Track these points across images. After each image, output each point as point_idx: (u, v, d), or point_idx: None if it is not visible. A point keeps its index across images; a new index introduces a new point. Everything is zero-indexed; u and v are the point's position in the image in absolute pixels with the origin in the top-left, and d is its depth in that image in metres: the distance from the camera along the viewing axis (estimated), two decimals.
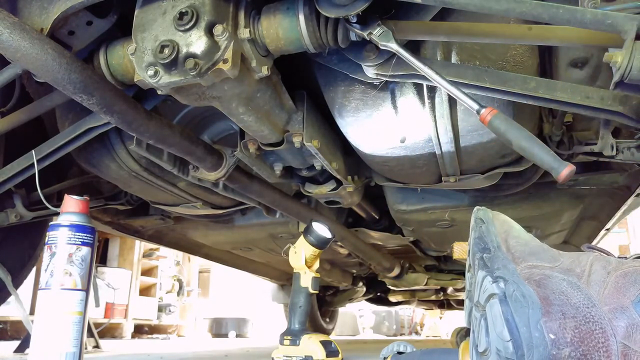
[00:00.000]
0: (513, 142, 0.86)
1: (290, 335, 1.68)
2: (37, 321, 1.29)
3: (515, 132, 0.86)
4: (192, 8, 0.97)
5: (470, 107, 0.93)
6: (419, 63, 1.00)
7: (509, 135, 0.86)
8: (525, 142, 0.84)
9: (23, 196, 1.76)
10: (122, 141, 1.53)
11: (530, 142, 0.83)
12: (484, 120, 0.89)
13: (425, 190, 1.95)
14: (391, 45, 1.01)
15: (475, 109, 0.92)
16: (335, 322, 5.54)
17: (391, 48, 1.01)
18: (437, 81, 1.00)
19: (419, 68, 1.01)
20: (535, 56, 1.22)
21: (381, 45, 1.02)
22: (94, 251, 1.38)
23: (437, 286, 4.05)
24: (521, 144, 0.85)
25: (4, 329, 4.66)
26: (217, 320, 7.72)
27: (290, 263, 1.75)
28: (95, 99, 1.05)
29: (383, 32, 1.01)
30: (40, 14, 1.07)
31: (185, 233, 2.66)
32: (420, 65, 1.01)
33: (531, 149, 0.83)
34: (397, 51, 1.01)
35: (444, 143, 1.39)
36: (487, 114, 0.89)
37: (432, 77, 1.00)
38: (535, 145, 0.83)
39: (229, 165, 1.50)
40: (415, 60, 1.01)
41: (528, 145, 0.84)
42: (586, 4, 0.89)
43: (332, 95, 1.34)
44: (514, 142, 0.86)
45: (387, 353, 1.35)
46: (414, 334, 10.43)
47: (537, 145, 0.82)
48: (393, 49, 1.02)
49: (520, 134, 0.85)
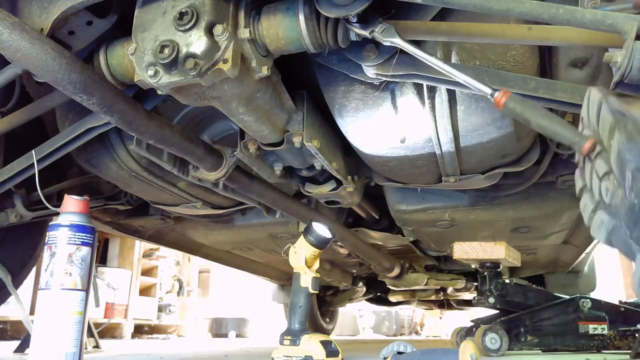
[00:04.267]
0: (532, 122, 0.84)
1: (290, 335, 1.68)
2: (37, 321, 1.29)
3: (532, 111, 0.84)
4: (192, 8, 0.97)
5: (484, 92, 0.91)
6: (424, 55, 0.99)
7: (526, 115, 0.84)
8: (543, 120, 0.83)
9: (23, 196, 1.76)
10: (122, 141, 1.53)
11: (550, 120, 0.82)
12: (498, 103, 0.87)
13: (425, 190, 1.95)
14: (395, 40, 1.00)
15: (489, 93, 0.90)
16: (335, 322, 5.54)
17: (396, 43, 1.01)
18: (445, 70, 0.98)
19: (426, 59, 0.99)
20: (535, 56, 1.22)
21: (384, 41, 1.01)
22: (94, 251, 1.38)
23: (437, 286, 4.05)
24: (540, 122, 0.83)
25: (4, 329, 4.66)
26: (217, 320, 7.71)
27: (290, 263, 1.75)
28: (95, 99, 1.05)
29: (386, 29, 1.00)
30: (40, 14, 1.07)
31: (185, 233, 2.66)
32: (426, 57, 1.00)
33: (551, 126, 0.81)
34: (401, 45, 1.00)
35: (444, 143, 1.39)
36: (502, 96, 0.87)
37: (441, 66, 0.98)
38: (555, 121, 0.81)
39: (229, 165, 1.50)
40: (421, 52, 1.00)
41: (547, 122, 0.82)
42: (586, 4, 0.89)
43: (332, 95, 1.34)
44: (533, 122, 0.84)
45: (387, 353, 1.35)
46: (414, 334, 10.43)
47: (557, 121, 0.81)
48: (397, 44, 1.01)
49: (538, 113, 0.83)
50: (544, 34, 1.00)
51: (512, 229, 2.30)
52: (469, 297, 4.83)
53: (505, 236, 2.42)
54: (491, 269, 2.52)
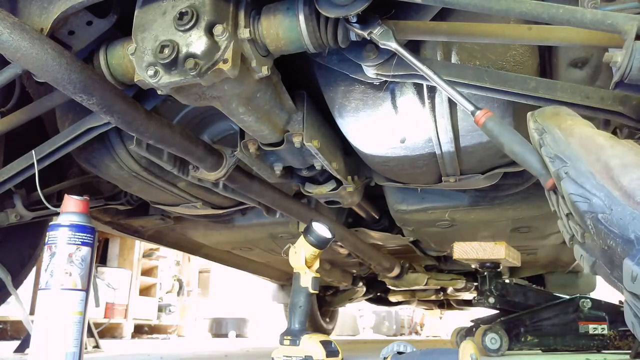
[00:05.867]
0: (505, 145, 0.85)
1: (290, 335, 1.68)
2: (37, 321, 1.29)
3: (509, 135, 0.85)
4: (192, 8, 0.97)
5: (466, 108, 0.93)
6: (417, 62, 1.00)
7: (501, 138, 0.86)
8: (517, 146, 0.83)
9: (23, 196, 1.76)
10: (122, 141, 1.53)
11: (523, 147, 0.83)
12: (478, 122, 0.89)
13: (425, 190, 1.95)
14: (391, 44, 1.01)
15: (471, 110, 0.91)
16: (335, 322, 5.54)
17: (391, 47, 1.01)
18: (435, 81, 1.00)
19: (418, 67, 1.01)
20: (535, 56, 1.22)
21: (381, 44, 1.02)
22: (94, 251, 1.38)
23: (437, 286, 4.04)
24: (513, 148, 0.84)
25: (4, 329, 4.66)
26: (217, 320, 7.71)
27: (290, 263, 1.74)
28: (95, 99, 1.05)
29: (383, 31, 1.01)
30: (40, 14, 1.07)
31: (185, 233, 2.66)
32: (419, 65, 1.01)
33: (522, 154, 0.82)
34: (396, 50, 1.01)
35: (444, 143, 1.39)
36: (482, 115, 0.88)
37: (431, 76, 1.00)
38: (527, 150, 0.82)
39: (229, 165, 1.50)
40: (414, 60, 1.01)
41: (520, 149, 0.83)
42: (586, 4, 0.89)
43: (332, 95, 1.34)
44: (506, 146, 0.85)
45: (387, 353, 1.35)
46: (414, 334, 10.43)
47: (529, 150, 0.82)
48: (393, 48, 1.02)
49: (514, 138, 0.84)
50: (544, 34, 1.00)
51: (512, 229, 2.30)
52: (469, 297, 4.83)
53: (505, 236, 2.42)
54: (491, 269, 2.52)
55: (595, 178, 0.68)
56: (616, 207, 0.65)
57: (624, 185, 0.65)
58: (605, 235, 0.66)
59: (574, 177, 0.71)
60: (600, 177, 0.68)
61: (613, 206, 0.65)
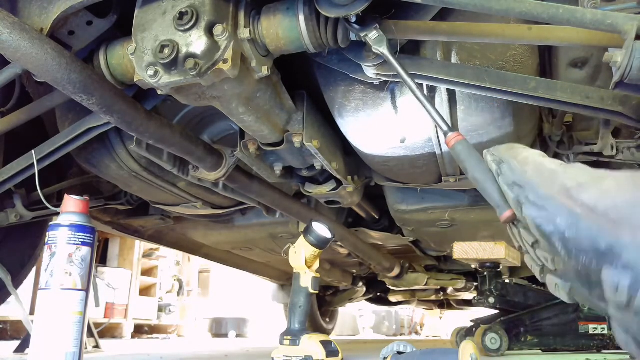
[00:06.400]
0: (469, 171, 0.85)
1: (290, 335, 1.68)
2: (37, 321, 1.29)
3: (474, 162, 0.85)
4: (192, 8, 0.97)
5: (440, 128, 0.93)
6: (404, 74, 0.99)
7: (466, 164, 0.86)
8: (480, 174, 0.83)
9: (23, 196, 1.76)
10: (122, 141, 1.53)
11: (485, 176, 0.82)
12: (448, 144, 0.89)
13: (425, 190, 1.95)
14: (381, 50, 1.01)
15: (444, 130, 0.92)
16: (335, 322, 5.54)
17: (381, 53, 1.01)
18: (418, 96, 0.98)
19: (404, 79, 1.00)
20: (535, 56, 1.22)
21: (374, 49, 1.02)
22: (94, 251, 1.38)
23: (437, 286, 4.04)
24: (475, 175, 0.84)
25: (4, 329, 4.66)
26: (217, 320, 7.71)
27: (290, 263, 1.74)
28: (95, 99, 1.05)
29: (378, 37, 1.01)
30: (40, 14, 1.07)
31: (185, 233, 2.66)
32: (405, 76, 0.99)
33: (484, 182, 0.82)
34: (385, 56, 1.01)
35: (444, 143, 1.39)
36: (453, 138, 0.89)
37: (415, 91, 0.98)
38: (489, 180, 0.82)
39: (229, 165, 1.50)
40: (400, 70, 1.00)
41: (481, 178, 0.83)
42: (586, 4, 0.90)
43: (332, 95, 1.34)
44: (470, 172, 0.85)
45: (387, 353, 1.35)
46: (414, 334, 10.44)
47: (490, 181, 0.81)
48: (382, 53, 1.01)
49: (478, 166, 0.84)
50: (544, 34, 1.00)
51: None
52: (469, 297, 4.83)
53: (505, 236, 2.42)
54: (491, 269, 2.52)
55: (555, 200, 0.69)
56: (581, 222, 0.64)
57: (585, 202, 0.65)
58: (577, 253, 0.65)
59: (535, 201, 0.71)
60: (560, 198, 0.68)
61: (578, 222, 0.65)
